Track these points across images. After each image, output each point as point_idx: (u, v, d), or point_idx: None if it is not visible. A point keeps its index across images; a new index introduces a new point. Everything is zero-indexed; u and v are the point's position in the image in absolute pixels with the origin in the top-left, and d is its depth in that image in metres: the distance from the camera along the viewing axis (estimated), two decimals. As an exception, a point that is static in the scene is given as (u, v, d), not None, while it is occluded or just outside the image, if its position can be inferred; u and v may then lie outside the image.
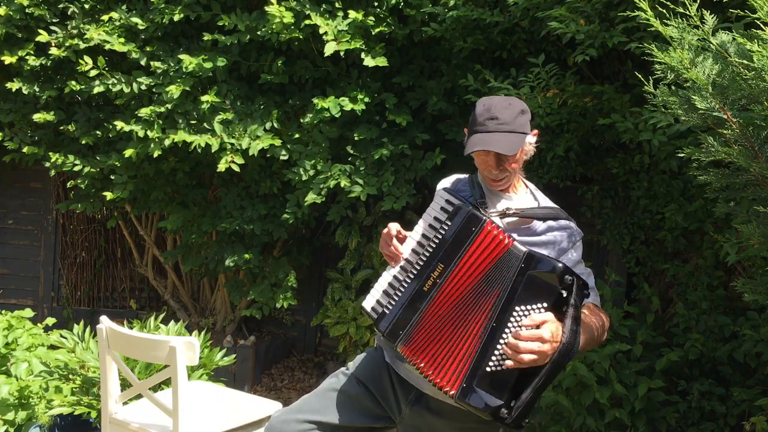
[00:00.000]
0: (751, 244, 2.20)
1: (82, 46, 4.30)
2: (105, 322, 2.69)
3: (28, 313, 4.26)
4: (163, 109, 4.16)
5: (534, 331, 1.76)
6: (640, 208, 3.72)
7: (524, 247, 1.85)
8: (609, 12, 3.26)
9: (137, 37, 4.35)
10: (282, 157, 4.16)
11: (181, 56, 4.14)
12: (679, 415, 3.36)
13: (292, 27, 3.95)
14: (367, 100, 4.01)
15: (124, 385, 2.86)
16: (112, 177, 4.48)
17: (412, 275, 1.99)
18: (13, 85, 4.48)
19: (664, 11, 2.14)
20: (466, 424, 2.00)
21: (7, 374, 3.68)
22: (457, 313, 1.88)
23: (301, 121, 4.17)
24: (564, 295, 1.79)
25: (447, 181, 2.22)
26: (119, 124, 4.24)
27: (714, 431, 3.30)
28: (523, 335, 1.76)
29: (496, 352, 1.80)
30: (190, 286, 5.28)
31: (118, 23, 4.29)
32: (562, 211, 2.10)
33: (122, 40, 4.26)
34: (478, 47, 3.90)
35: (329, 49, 3.86)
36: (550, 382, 1.82)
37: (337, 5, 4.03)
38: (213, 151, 4.07)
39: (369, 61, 3.91)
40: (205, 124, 4.17)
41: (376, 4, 4.03)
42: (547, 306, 1.80)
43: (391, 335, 1.96)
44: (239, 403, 2.97)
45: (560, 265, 1.81)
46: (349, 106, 3.96)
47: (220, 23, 4.11)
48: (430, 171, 4.18)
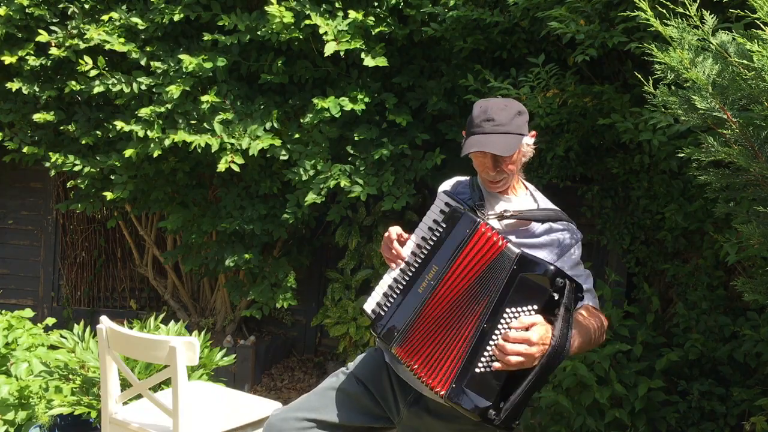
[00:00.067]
0: (751, 244, 2.19)
1: (82, 46, 4.30)
2: (105, 322, 2.69)
3: (28, 313, 4.26)
4: (163, 109, 4.16)
5: (521, 334, 1.76)
6: (640, 208, 3.72)
7: (517, 249, 1.84)
8: (609, 12, 3.26)
9: (137, 37, 4.35)
10: (282, 157, 4.16)
11: (181, 56, 4.14)
12: (679, 415, 3.36)
13: (292, 27, 3.96)
14: (367, 100, 4.01)
15: (124, 385, 2.86)
16: (112, 177, 4.48)
17: (407, 277, 2.00)
18: (13, 85, 4.48)
19: (664, 11, 2.14)
20: (464, 426, 1.99)
21: (7, 374, 3.68)
22: (451, 314, 1.88)
23: (301, 121, 4.17)
24: (556, 298, 1.78)
25: (448, 184, 2.23)
26: (119, 124, 4.24)
27: (714, 431, 3.30)
28: (511, 337, 1.76)
29: (486, 354, 1.80)
30: (190, 286, 5.28)
31: (118, 23, 4.30)
32: (562, 212, 2.09)
33: (122, 40, 4.26)
34: (478, 47, 3.90)
35: (329, 49, 3.86)
36: (540, 384, 1.82)
37: (337, 5, 4.03)
38: (213, 151, 4.07)
39: (369, 61, 3.91)
40: (205, 124, 4.17)
41: (376, 4, 4.03)
42: (537, 308, 1.79)
43: (386, 337, 1.98)
44: (239, 403, 2.97)
45: (552, 268, 1.79)
46: (349, 106, 3.96)
47: (220, 23, 4.11)
48: (430, 171, 4.18)
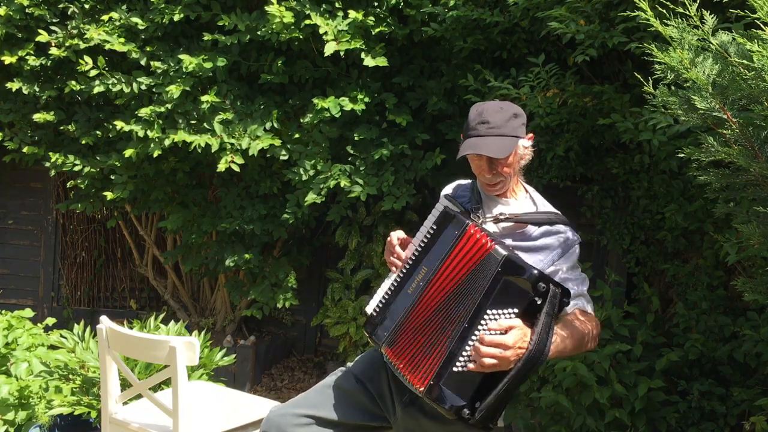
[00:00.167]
0: (751, 244, 2.19)
1: (82, 46, 4.30)
2: (105, 322, 2.69)
3: (28, 313, 4.25)
4: (163, 109, 4.16)
5: (497, 337, 1.76)
6: (640, 208, 3.72)
7: (504, 251, 1.84)
8: (609, 12, 3.26)
9: (137, 37, 4.35)
10: (282, 157, 4.16)
11: (181, 56, 4.14)
12: (679, 415, 3.36)
13: (292, 27, 3.95)
14: (367, 100, 4.01)
15: (124, 385, 2.86)
16: (112, 177, 4.48)
17: (398, 279, 2.04)
18: (13, 85, 4.48)
19: (664, 11, 2.14)
20: (459, 429, 1.99)
21: (7, 374, 3.68)
22: (438, 315, 1.90)
23: (301, 121, 4.17)
24: (538, 303, 1.78)
25: (450, 187, 2.25)
26: (119, 124, 4.24)
27: (714, 431, 3.30)
28: (486, 340, 1.77)
29: (464, 354, 1.81)
30: (190, 286, 5.28)
31: (118, 23, 4.30)
32: (561, 216, 2.09)
33: (122, 40, 4.26)
34: (478, 47, 3.90)
35: (329, 49, 3.86)
36: (516, 386, 1.82)
37: (337, 5, 4.03)
38: (213, 151, 4.07)
39: (369, 61, 3.91)
40: (205, 124, 4.17)
41: (376, 4, 4.03)
42: (518, 312, 1.80)
43: (377, 337, 2.02)
44: (239, 403, 2.97)
45: (535, 272, 1.79)
46: (349, 106, 3.96)
47: (220, 23, 4.11)
48: (430, 171, 4.18)
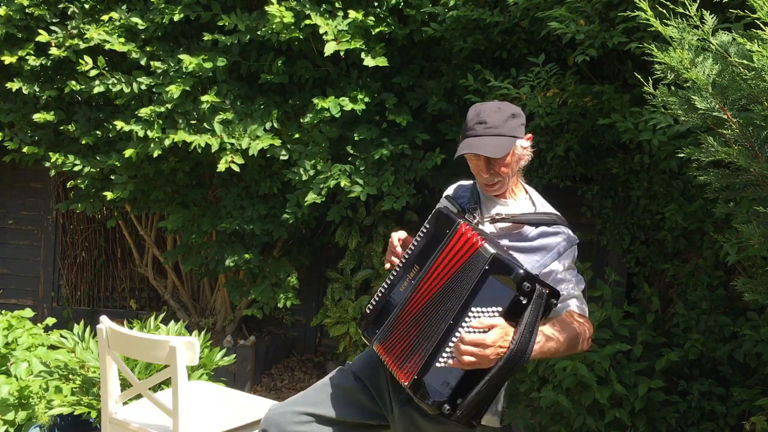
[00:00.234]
0: (751, 244, 2.19)
1: (82, 46, 4.30)
2: (105, 322, 2.69)
3: (28, 313, 4.25)
4: (163, 109, 4.16)
5: (477, 335, 1.77)
6: (640, 208, 3.72)
7: (493, 249, 1.84)
8: (609, 12, 3.26)
9: (137, 37, 4.35)
10: (282, 157, 4.16)
11: (181, 56, 4.14)
12: (679, 415, 3.36)
13: (292, 27, 3.96)
14: (367, 100, 4.01)
15: (124, 385, 2.86)
16: (112, 177, 4.48)
17: (391, 278, 2.06)
18: (13, 85, 4.48)
19: (664, 11, 2.14)
20: (453, 428, 2.00)
21: (7, 374, 3.68)
22: (427, 312, 1.92)
23: (301, 121, 4.17)
24: (523, 302, 1.79)
25: (451, 188, 2.27)
26: (119, 124, 4.24)
27: (714, 431, 3.30)
28: (466, 338, 1.77)
29: (447, 350, 1.83)
30: (190, 286, 5.28)
31: (118, 23, 4.30)
32: (560, 217, 2.09)
33: (122, 40, 4.26)
34: (478, 47, 3.90)
35: (329, 49, 3.86)
36: (499, 385, 1.83)
37: (337, 5, 4.03)
38: (213, 151, 4.07)
39: (369, 61, 3.91)
40: (205, 124, 4.17)
41: (376, 4, 4.03)
42: (501, 310, 1.80)
43: (369, 334, 2.05)
44: (239, 403, 2.97)
45: (521, 272, 1.79)
46: (349, 106, 3.96)
47: (220, 23, 4.11)
48: (430, 171, 4.18)
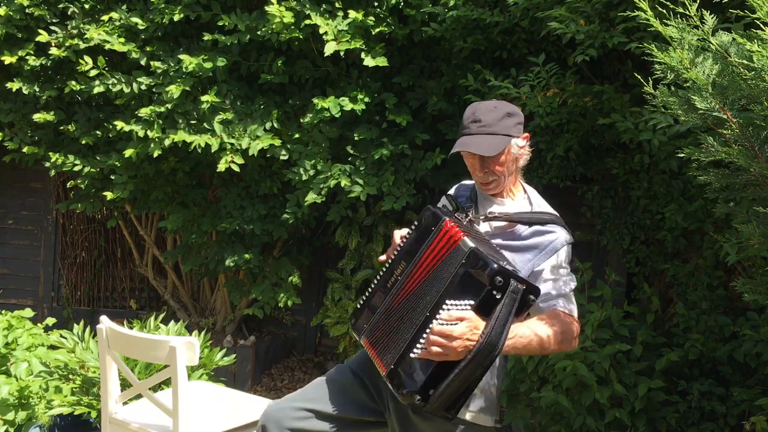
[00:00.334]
0: (751, 244, 2.19)
1: (82, 46, 4.30)
2: (105, 322, 2.69)
3: (28, 313, 4.25)
4: (163, 109, 4.16)
5: (445, 327, 1.79)
6: (640, 208, 3.72)
7: (473, 244, 1.86)
8: (609, 12, 3.26)
9: (137, 37, 4.35)
10: (282, 157, 4.16)
11: (181, 56, 4.14)
12: (679, 415, 3.36)
13: (292, 27, 3.95)
14: (367, 100, 4.01)
15: (124, 385, 2.86)
16: (112, 177, 4.48)
17: (381, 275, 2.08)
18: (13, 85, 4.48)
19: (664, 11, 2.14)
20: (445, 426, 2.02)
21: (7, 374, 3.68)
22: (409, 306, 1.94)
23: (301, 121, 4.17)
24: (497, 297, 1.80)
25: (453, 188, 2.28)
26: (119, 124, 4.24)
27: (714, 431, 3.30)
28: (435, 330, 1.80)
29: (421, 342, 1.85)
30: (190, 286, 5.28)
31: (118, 23, 4.30)
32: (556, 216, 2.08)
33: (122, 40, 4.26)
34: (478, 47, 3.90)
35: (329, 49, 3.86)
36: (471, 377, 1.84)
37: (337, 5, 4.03)
38: (213, 151, 4.07)
39: (369, 61, 3.91)
40: (205, 124, 4.17)
41: (376, 4, 4.03)
42: (473, 304, 1.82)
43: (357, 329, 2.08)
44: (239, 403, 2.97)
45: (495, 267, 1.80)
46: (349, 106, 3.96)
47: (220, 23, 4.11)
48: (430, 171, 4.18)
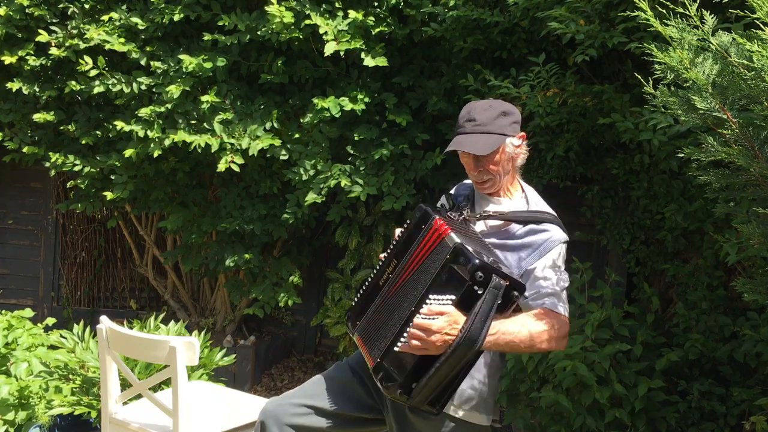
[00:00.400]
0: (751, 244, 2.19)
1: (82, 46, 4.30)
2: (105, 322, 2.69)
3: (28, 313, 4.25)
4: (163, 109, 4.16)
5: (424, 321, 1.81)
6: (640, 208, 3.72)
7: (458, 239, 1.86)
8: (609, 12, 3.26)
9: (137, 37, 4.35)
10: (282, 157, 4.16)
11: (181, 56, 4.14)
12: (679, 415, 3.36)
13: (292, 27, 3.95)
14: (367, 100, 4.01)
15: (124, 385, 2.86)
16: (112, 177, 4.48)
17: (374, 273, 2.10)
18: (13, 85, 4.48)
19: (664, 11, 2.14)
20: (439, 423, 2.04)
21: (7, 374, 3.68)
22: (398, 301, 1.96)
23: (301, 121, 4.17)
24: (478, 292, 1.80)
25: (454, 187, 2.29)
26: (119, 124, 4.24)
27: (714, 431, 3.30)
28: (415, 323, 1.81)
29: (405, 335, 1.86)
30: (190, 286, 5.28)
31: (118, 23, 4.30)
32: (551, 215, 2.08)
33: (122, 40, 4.26)
34: (478, 47, 3.90)
35: (329, 49, 3.86)
36: (451, 372, 1.84)
37: (337, 5, 4.03)
38: (213, 151, 4.07)
39: (369, 61, 3.91)
40: (205, 124, 4.17)
41: (376, 4, 4.03)
42: (455, 299, 1.83)
43: (352, 326, 2.10)
44: (239, 403, 2.97)
45: (476, 262, 1.81)
46: (349, 106, 3.96)
47: (220, 23, 4.11)
48: (430, 171, 4.18)
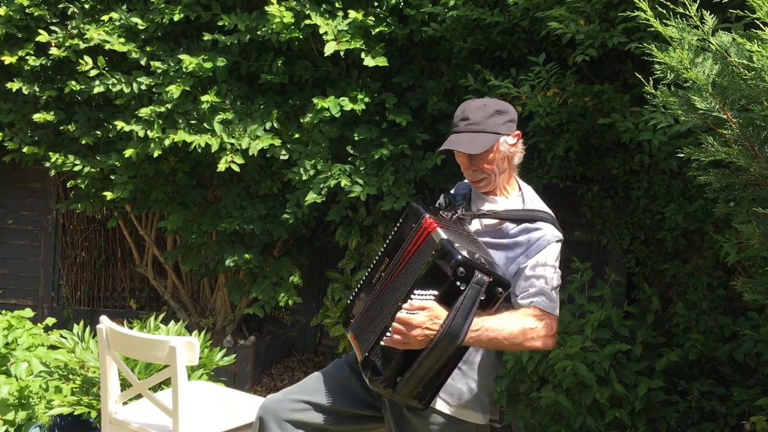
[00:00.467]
0: (751, 244, 2.20)
1: (82, 46, 4.30)
2: (105, 322, 2.69)
3: (28, 313, 4.25)
4: (163, 109, 4.16)
5: (405, 315, 1.82)
6: (640, 208, 3.72)
7: (444, 236, 1.88)
8: (609, 12, 3.26)
9: (137, 37, 4.35)
10: (282, 157, 4.16)
11: (181, 56, 4.14)
12: (679, 415, 3.36)
13: (292, 27, 3.95)
14: (367, 100, 4.01)
15: (124, 385, 2.86)
16: (112, 177, 4.48)
17: (368, 272, 2.12)
18: (13, 85, 4.48)
19: (664, 11, 2.14)
20: (434, 421, 2.05)
21: (7, 374, 3.68)
22: (387, 298, 1.97)
23: (301, 121, 4.17)
24: (460, 288, 1.81)
25: (455, 186, 2.29)
26: (119, 124, 4.24)
27: (714, 431, 3.30)
28: (397, 318, 1.83)
29: (390, 330, 1.88)
30: (190, 286, 5.28)
31: (118, 23, 4.30)
32: (547, 214, 2.06)
33: (122, 40, 4.26)
34: (478, 47, 3.90)
35: (329, 49, 3.86)
36: (434, 366, 1.85)
37: (337, 5, 4.03)
38: (213, 151, 4.07)
39: (369, 61, 3.91)
40: (205, 124, 4.17)
41: (376, 4, 4.03)
42: (437, 294, 1.84)
43: (345, 324, 2.13)
44: (239, 403, 2.97)
45: (459, 258, 1.81)
46: (349, 106, 3.96)
47: (220, 23, 4.11)
48: (430, 171, 4.18)
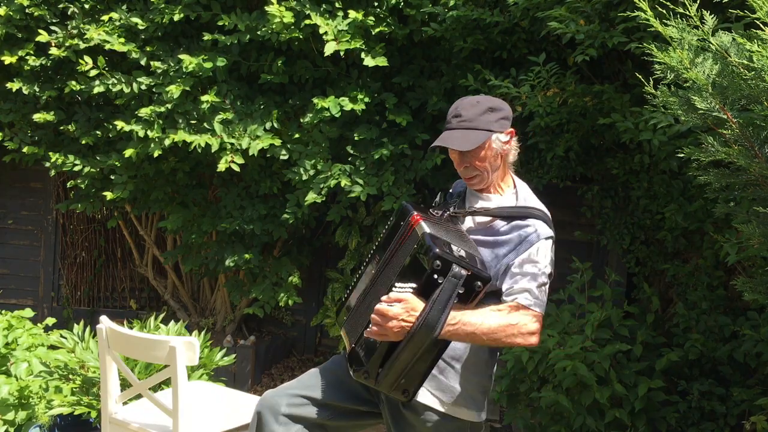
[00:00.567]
0: (751, 244, 2.20)
1: (82, 46, 4.30)
2: (105, 322, 2.69)
3: (28, 313, 4.25)
4: (163, 109, 4.16)
5: (382, 307, 1.85)
6: (640, 208, 3.72)
7: (428, 230, 1.91)
8: (609, 12, 3.26)
9: (137, 37, 4.35)
10: (282, 157, 4.16)
11: (181, 56, 4.14)
12: (679, 415, 3.36)
13: (292, 27, 3.95)
14: (367, 100, 4.01)
15: (124, 385, 2.86)
16: (112, 177, 4.48)
17: (361, 271, 2.16)
18: (13, 85, 4.48)
19: (664, 11, 2.14)
20: (431, 419, 2.05)
21: (7, 374, 3.67)
22: (374, 293, 2.00)
23: (301, 121, 4.17)
24: (438, 281, 1.83)
25: (453, 184, 2.30)
26: (119, 124, 4.24)
27: (714, 431, 3.30)
28: (375, 309, 1.86)
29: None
30: (190, 286, 5.28)
31: (118, 23, 4.29)
32: (539, 211, 2.05)
33: (122, 40, 4.26)
34: (478, 47, 3.90)
35: (329, 49, 3.86)
36: (413, 358, 1.86)
37: (337, 5, 4.03)
38: (213, 151, 4.07)
39: (369, 61, 3.91)
40: (205, 124, 4.17)
41: (376, 4, 4.03)
42: (416, 287, 1.87)
43: (339, 323, 2.17)
44: (239, 403, 2.97)
45: (436, 251, 1.84)
46: (349, 106, 3.96)
47: (220, 23, 4.11)
48: (430, 171, 4.18)
